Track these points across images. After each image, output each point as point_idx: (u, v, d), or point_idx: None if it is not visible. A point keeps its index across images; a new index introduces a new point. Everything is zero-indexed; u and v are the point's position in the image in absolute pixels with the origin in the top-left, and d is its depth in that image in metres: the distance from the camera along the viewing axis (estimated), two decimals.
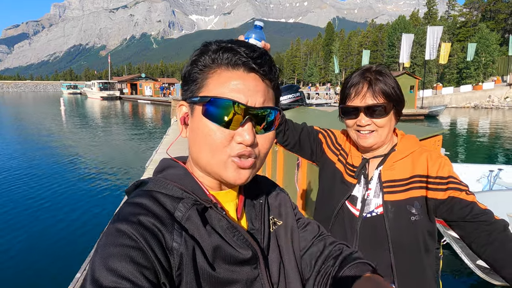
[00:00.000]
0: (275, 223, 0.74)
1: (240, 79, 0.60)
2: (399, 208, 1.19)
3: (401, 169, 1.23)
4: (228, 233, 0.61)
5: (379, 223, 1.20)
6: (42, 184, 8.76)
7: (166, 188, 0.62)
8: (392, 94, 1.20)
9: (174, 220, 0.58)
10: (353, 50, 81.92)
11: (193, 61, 0.63)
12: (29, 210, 7.03)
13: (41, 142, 15.30)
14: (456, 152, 13.46)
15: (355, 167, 1.31)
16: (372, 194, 1.25)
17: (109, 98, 57.08)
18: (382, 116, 1.19)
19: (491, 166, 6.54)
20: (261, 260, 0.64)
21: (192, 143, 0.64)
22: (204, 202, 0.61)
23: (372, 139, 1.22)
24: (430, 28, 32.37)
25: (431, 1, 62.51)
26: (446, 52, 36.34)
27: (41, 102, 52.69)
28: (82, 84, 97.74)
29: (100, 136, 17.70)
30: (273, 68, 0.64)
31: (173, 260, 0.55)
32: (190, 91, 0.63)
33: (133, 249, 0.51)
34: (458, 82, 47.32)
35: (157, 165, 0.71)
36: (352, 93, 1.22)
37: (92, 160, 11.75)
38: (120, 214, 0.56)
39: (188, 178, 0.65)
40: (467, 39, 52.29)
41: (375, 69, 1.23)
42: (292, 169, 3.69)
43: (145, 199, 0.59)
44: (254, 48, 0.63)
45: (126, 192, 0.67)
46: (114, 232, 0.53)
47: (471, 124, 23.21)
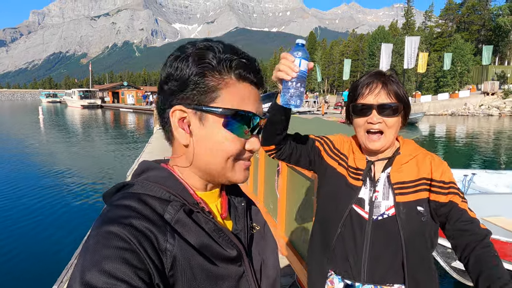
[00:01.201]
0: (254, 228, 0.78)
1: (250, 92, 0.65)
2: (410, 209, 1.21)
3: (409, 171, 1.26)
4: (215, 234, 0.64)
5: (391, 224, 1.22)
6: (19, 195, 8.49)
7: (153, 190, 0.62)
8: (403, 96, 1.25)
9: (166, 222, 0.59)
10: (335, 59, 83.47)
11: (200, 66, 0.61)
12: (7, 221, 6.79)
13: (17, 151, 14.83)
14: None
15: (359, 169, 1.32)
16: (380, 197, 1.26)
17: (90, 106, 55.97)
18: (393, 116, 1.23)
19: (466, 171, 6.77)
20: (245, 258, 0.68)
21: (200, 151, 0.64)
22: (191, 206, 0.63)
23: (380, 143, 1.25)
24: (408, 38, 33.47)
25: (409, 12, 64.65)
26: (424, 62, 37.58)
27: (18, 111, 51.18)
28: (62, 92, 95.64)
29: (80, 145, 17.32)
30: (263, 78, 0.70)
31: (166, 261, 0.56)
32: (194, 97, 0.62)
33: (126, 251, 0.51)
34: (435, 90, 48.82)
35: (136, 168, 0.70)
36: (365, 92, 1.25)
37: (72, 169, 11.48)
38: (109, 217, 0.55)
39: (172, 180, 0.65)
40: (443, 49, 54.23)
41: (389, 72, 1.29)
42: (272, 176, 3.73)
43: (134, 201, 0.59)
44: (253, 60, 0.66)
45: (105, 195, 0.66)
46: (105, 235, 0.52)
47: (449, 130, 23.97)
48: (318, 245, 1.41)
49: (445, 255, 4.28)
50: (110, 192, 0.65)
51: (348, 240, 1.28)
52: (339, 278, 1.32)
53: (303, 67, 1.06)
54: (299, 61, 1.06)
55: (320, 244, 1.39)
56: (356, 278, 1.27)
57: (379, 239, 1.23)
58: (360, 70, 70.12)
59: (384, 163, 1.30)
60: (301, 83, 1.06)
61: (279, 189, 3.39)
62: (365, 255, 1.24)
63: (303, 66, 1.06)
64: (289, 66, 1.04)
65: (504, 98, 37.86)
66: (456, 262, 4.21)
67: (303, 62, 1.06)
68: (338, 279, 1.32)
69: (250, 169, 4.82)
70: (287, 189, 3.25)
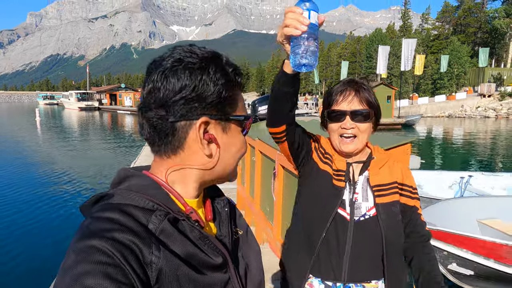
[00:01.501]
0: (237, 232, 0.78)
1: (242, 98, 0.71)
2: (388, 209, 1.31)
3: (384, 175, 1.36)
4: (200, 242, 0.63)
5: (373, 224, 1.29)
6: (16, 197, 8.43)
7: (135, 200, 0.60)
8: (374, 103, 1.34)
9: (151, 233, 0.57)
10: (332, 61, 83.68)
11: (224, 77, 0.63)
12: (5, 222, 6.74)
13: (14, 154, 14.75)
14: (431, 159, 13.88)
15: (341, 171, 1.36)
16: (360, 198, 1.33)
17: (87, 108, 55.87)
18: (365, 122, 1.31)
19: (462, 173, 6.78)
20: (230, 265, 0.67)
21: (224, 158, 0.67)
22: (177, 214, 0.61)
23: (353, 145, 1.32)
24: (405, 40, 33.62)
25: (406, 15, 64.98)
26: (421, 64, 37.74)
27: (15, 113, 50.97)
28: (59, 94, 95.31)
29: (77, 147, 17.25)
30: None
31: (151, 274, 0.54)
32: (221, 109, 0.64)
33: (110, 266, 0.49)
34: (433, 92, 48.99)
35: (115, 176, 0.67)
36: (339, 99, 1.32)
37: (69, 171, 11.42)
38: (90, 230, 0.53)
39: (155, 188, 0.64)
40: (440, 51, 54.41)
41: (360, 80, 1.37)
42: (269, 179, 3.72)
43: (116, 213, 0.57)
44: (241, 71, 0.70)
45: (83, 207, 0.63)
46: (86, 249, 0.50)
47: (446, 132, 24.06)
48: (299, 247, 1.40)
49: (442, 257, 4.27)
50: (88, 204, 0.63)
51: (332, 241, 1.31)
52: (319, 280, 1.33)
53: (314, 19, 0.90)
54: (308, 13, 0.90)
55: (302, 246, 1.38)
56: (337, 279, 1.30)
57: (361, 238, 1.29)
58: (358, 72, 70.35)
59: (361, 166, 1.38)
60: (313, 39, 0.90)
61: (275, 192, 3.38)
62: (346, 255, 1.29)
63: (313, 18, 0.90)
64: (297, 19, 0.88)
65: (501, 100, 38.07)
66: (452, 264, 4.21)
67: (313, 14, 0.90)
68: (318, 282, 1.34)
69: (247, 172, 4.83)
70: (283, 192, 3.24)
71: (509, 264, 3.85)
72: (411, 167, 6.77)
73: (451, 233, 4.04)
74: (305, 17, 0.89)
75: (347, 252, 1.29)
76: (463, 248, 4.01)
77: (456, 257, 4.13)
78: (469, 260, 4.04)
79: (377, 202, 1.31)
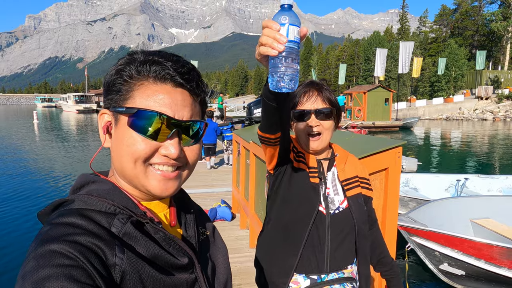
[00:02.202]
0: (204, 233, 0.78)
1: (167, 94, 0.61)
2: (356, 201, 1.42)
3: (348, 170, 1.47)
4: (165, 244, 0.62)
5: (347, 216, 1.38)
6: (8, 199, 8.39)
7: (96, 205, 0.59)
8: (335, 102, 1.42)
9: (114, 236, 0.56)
10: (330, 64, 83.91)
11: (118, 71, 0.62)
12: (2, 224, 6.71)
13: (12, 156, 14.70)
14: (429, 162, 13.90)
15: (313, 168, 1.42)
16: (331, 192, 1.41)
17: (86, 111, 55.76)
18: (329, 119, 1.39)
19: (459, 176, 6.80)
20: (197, 265, 0.67)
21: (115, 153, 0.63)
22: (139, 218, 0.61)
23: (320, 142, 1.39)
24: (402, 43, 33.72)
25: (404, 18, 65.24)
26: (418, 66, 37.86)
27: (13, 116, 50.86)
28: (58, 97, 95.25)
29: (74, 150, 17.22)
30: (200, 84, 0.66)
31: (115, 275, 0.54)
32: (113, 100, 0.62)
33: (73, 268, 0.47)
34: (430, 95, 49.13)
35: (75, 182, 0.66)
36: (303, 99, 1.40)
37: (67, 173, 11.39)
38: (48, 235, 0.51)
39: (116, 192, 0.63)
40: (437, 54, 54.62)
41: (320, 82, 1.46)
42: (263, 182, 3.72)
43: (75, 218, 0.55)
44: (183, 63, 0.64)
45: (40, 214, 0.62)
46: (46, 254, 0.48)
47: (443, 135, 24.11)
48: (279, 247, 1.40)
49: (433, 257, 4.28)
50: (46, 211, 0.61)
51: (314, 237, 1.36)
52: (303, 276, 1.36)
53: (293, 35, 0.79)
54: (287, 29, 0.78)
55: (284, 246, 1.39)
56: (321, 271, 1.36)
57: (337, 230, 1.37)
58: (356, 74, 70.55)
59: (327, 162, 1.47)
60: (292, 58, 0.79)
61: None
62: (327, 248, 1.36)
63: (292, 34, 0.78)
64: (274, 37, 0.77)
65: (498, 102, 38.22)
66: (444, 264, 4.21)
67: (292, 29, 0.79)
68: (303, 277, 1.36)
69: (242, 174, 4.83)
70: None
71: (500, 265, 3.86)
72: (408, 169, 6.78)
73: (443, 234, 4.05)
74: (283, 34, 0.78)
75: (327, 244, 1.36)
76: (454, 249, 4.02)
77: (447, 258, 4.14)
78: (460, 261, 4.05)
79: (348, 195, 1.41)
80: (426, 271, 4.58)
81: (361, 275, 1.42)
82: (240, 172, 4.99)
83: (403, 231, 4.23)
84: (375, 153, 2.40)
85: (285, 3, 0.81)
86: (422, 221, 4.28)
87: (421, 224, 4.14)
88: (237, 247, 4.36)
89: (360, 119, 26.80)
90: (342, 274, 1.38)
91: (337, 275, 1.37)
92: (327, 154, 1.48)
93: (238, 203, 5.31)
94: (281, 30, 0.78)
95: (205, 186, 7.52)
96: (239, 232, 4.87)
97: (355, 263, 1.43)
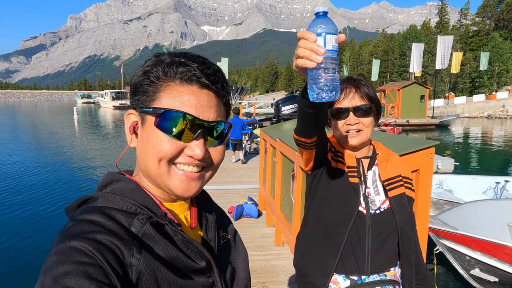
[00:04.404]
0: (224, 237, 0.78)
1: (193, 95, 0.62)
2: (399, 201, 1.36)
3: (391, 169, 1.42)
4: (183, 246, 0.63)
5: (388, 217, 1.34)
6: (52, 191, 8.93)
7: (118, 203, 0.61)
8: (374, 97, 1.36)
9: (132, 235, 0.57)
10: (363, 59, 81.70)
11: (145, 72, 0.63)
12: (41, 218, 7.17)
13: (53, 149, 15.62)
14: (466, 162, 13.22)
15: (352, 167, 1.38)
16: (372, 192, 1.37)
17: (121, 107, 58.08)
18: (368, 116, 1.34)
19: (498, 178, 6.42)
20: (214, 269, 0.67)
21: (141, 153, 0.64)
22: (159, 219, 0.61)
23: (359, 138, 1.34)
24: (440, 37, 32.15)
25: (443, 11, 62.18)
26: (458, 62, 35.96)
27: (56, 111, 53.92)
28: (96, 93, 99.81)
29: (109, 145, 17.99)
30: (225, 85, 0.67)
31: (131, 275, 0.55)
32: (140, 101, 0.64)
33: (90, 266, 0.49)
34: (470, 91, 46.63)
35: (101, 179, 0.68)
36: (340, 97, 1.35)
37: (97, 168, 11.94)
38: (70, 232, 0.53)
39: (139, 191, 0.64)
40: (479, 48, 51.64)
41: (358, 77, 1.39)
42: (288, 180, 3.70)
43: (98, 215, 0.57)
44: (208, 65, 0.64)
45: (67, 209, 0.65)
46: (66, 250, 0.50)
47: (484, 134, 22.79)
48: (319, 248, 1.40)
49: (464, 262, 4.09)
50: (72, 206, 0.64)
51: (354, 237, 1.33)
52: (343, 276, 1.35)
53: (331, 44, 0.75)
54: (324, 38, 0.75)
55: (323, 247, 1.39)
56: (361, 272, 1.33)
57: (378, 231, 1.34)
58: (390, 70, 68.20)
59: (368, 161, 1.42)
60: (332, 68, 0.76)
61: (294, 194, 3.36)
62: (368, 248, 1.33)
63: (330, 43, 0.75)
64: (311, 48, 0.75)
65: None
66: (475, 270, 4.01)
67: (330, 38, 0.75)
68: (342, 278, 1.35)
69: (268, 172, 4.83)
70: (302, 195, 3.21)
71: None
72: (444, 169, 6.50)
73: (474, 238, 3.85)
74: (320, 44, 0.75)
75: (367, 245, 1.33)
76: (487, 254, 3.82)
77: (479, 263, 3.94)
78: (494, 267, 3.84)
79: (390, 196, 1.36)
80: (456, 275, 4.41)
81: (405, 279, 1.37)
82: (266, 169, 5.00)
83: (432, 234, 4.08)
84: (406, 153, 2.31)
85: (320, 11, 0.78)
86: (452, 223, 4.09)
87: (451, 227, 3.96)
88: (263, 244, 4.38)
89: (394, 116, 25.95)
90: (384, 276, 1.35)
91: (379, 277, 1.34)
92: (368, 152, 1.43)
93: (264, 200, 5.33)
94: (318, 40, 0.75)
95: (232, 182, 7.61)
96: (265, 229, 4.89)
97: (398, 266, 1.39)
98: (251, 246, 4.27)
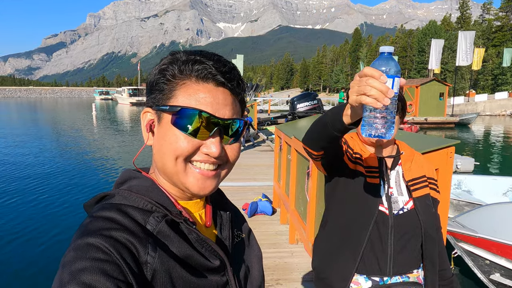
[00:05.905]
0: (239, 236, 0.78)
1: (209, 92, 0.62)
2: (423, 202, 1.35)
3: (415, 169, 1.41)
4: (198, 245, 0.63)
5: (412, 218, 1.33)
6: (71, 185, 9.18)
7: (134, 201, 0.62)
8: (401, 96, 1.33)
9: (148, 233, 0.58)
10: None
11: (161, 70, 0.64)
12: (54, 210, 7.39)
13: (72, 147, 16.04)
14: (487, 162, 12.85)
15: (373, 167, 1.37)
16: (395, 192, 1.36)
17: (138, 103, 58.97)
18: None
19: None
20: (228, 268, 0.67)
21: (157, 151, 0.65)
22: (174, 217, 0.62)
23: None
24: (462, 33, 31.23)
25: (464, 5, 60.38)
26: (479, 58, 34.87)
27: (75, 108, 55.20)
28: (114, 90, 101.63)
29: (126, 141, 18.31)
30: (240, 83, 0.67)
31: (146, 273, 0.55)
32: (157, 99, 0.64)
33: (106, 263, 0.50)
34: (492, 89, 45.23)
35: (118, 176, 0.70)
36: None
37: (118, 164, 12.18)
38: (88, 229, 0.55)
39: (155, 189, 0.65)
40: (503, 44, 49.94)
41: None
42: (303, 178, 3.70)
43: (114, 212, 0.58)
44: (224, 63, 0.65)
45: (86, 205, 0.66)
46: (84, 247, 0.51)
47: (506, 133, 22.08)
48: (339, 250, 1.39)
49: (483, 266, 3.99)
50: (90, 203, 0.65)
51: (375, 238, 1.32)
52: (364, 277, 1.34)
53: (397, 88, 0.76)
54: (393, 81, 0.74)
55: (344, 249, 1.38)
56: (383, 274, 1.32)
57: (401, 232, 1.32)
58: (408, 67, 66.80)
59: (391, 160, 1.41)
60: (392, 111, 0.76)
61: (309, 192, 3.36)
62: (390, 250, 1.32)
63: (396, 86, 0.75)
64: (382, 90, 0.73)
65: None
66: (495, 274, 3.91)
67: (397, 81, 0.75)
68: (364, 279, 1.34)
69: (283, 169, 4.83)
70: (316, 193, 3.20)
71: None
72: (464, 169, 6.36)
73: (496, 242, 3.75)
74: (389, 86, 0.73)
75: (390, 246, 1.32)
76: (508, 258, 3.71)
77: (500, 267, 3.83)
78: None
79: (414, 196, 1.35)
80: (474, 279, 4.29)
81: (428, 281, 1.35)
82: (281, 167, 5.00)
83: (449, 236, 3.99)
84: (424, 152, 2.27)
85: (386, 51, 0.78)
86: (471, 226, 3.99)
87: (469, 230, 3.87)
88: (277, 242, 4.39)
89: (411, 114, 25.41)
90: (407, 278, 1.33)
91: (401, 279, 1.33)
92: (391, 151, 1.42)
93: (279, 198, 5.33)
94: (387, 82, 0.74)
95: (247, 179, 7.65)
96: (279, 227, 4.90)
97: (421, 268, 1.37)
98: (265, 243, 4.29)
